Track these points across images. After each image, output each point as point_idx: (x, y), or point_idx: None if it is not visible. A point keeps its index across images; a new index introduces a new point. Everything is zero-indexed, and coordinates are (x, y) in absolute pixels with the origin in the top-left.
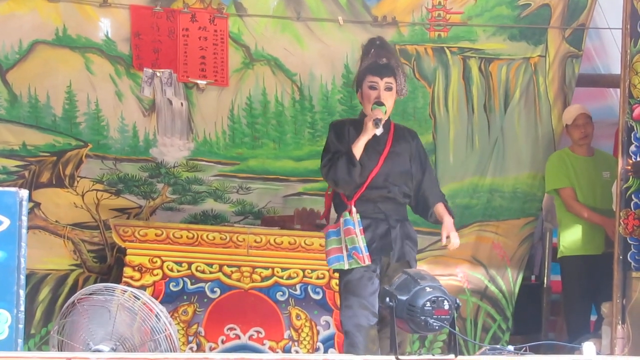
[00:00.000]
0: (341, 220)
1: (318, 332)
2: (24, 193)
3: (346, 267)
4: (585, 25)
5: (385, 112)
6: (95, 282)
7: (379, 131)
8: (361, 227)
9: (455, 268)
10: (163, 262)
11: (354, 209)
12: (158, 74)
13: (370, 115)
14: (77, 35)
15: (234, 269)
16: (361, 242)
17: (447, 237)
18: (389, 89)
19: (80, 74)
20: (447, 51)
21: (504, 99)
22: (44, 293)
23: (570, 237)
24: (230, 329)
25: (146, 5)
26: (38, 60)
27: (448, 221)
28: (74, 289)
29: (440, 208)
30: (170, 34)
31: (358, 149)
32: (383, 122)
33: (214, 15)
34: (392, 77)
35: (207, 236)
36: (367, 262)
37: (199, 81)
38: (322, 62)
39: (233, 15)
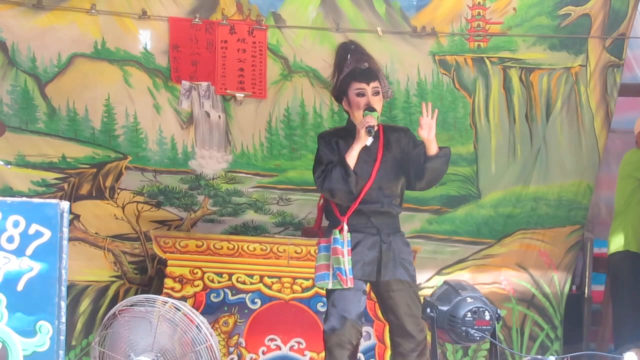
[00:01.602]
0: (331, 237)
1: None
2: (65, 205)
3: (330, 286)
4: (625, 34)
5: (378, 117)
6: (135, 294)
7: (369, 140)
8: (349, 248)
9: (499, 276)
10: (204, 273)
11: (345, 227)
12: (196, 87)
13: (362, 122)
14: (116, 48)
15: (274, 279)
16: (346, 264)
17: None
18: (376, 93)
19: (118, 87)
20: (487, 61)
21: (546, 108)
22: (85, 304)
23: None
24: (271, 339)
25: (185, 17)
26: (77, 74)
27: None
28: (114, 301)
29: None
30: (209, 46)
31: (352, 158)
32: (376, 128)
33: (252, 27)
34: (377, 81)
35: (247, 247)
36: (350, 284)
37: (237, 94)
38: None
39: (272, 27)
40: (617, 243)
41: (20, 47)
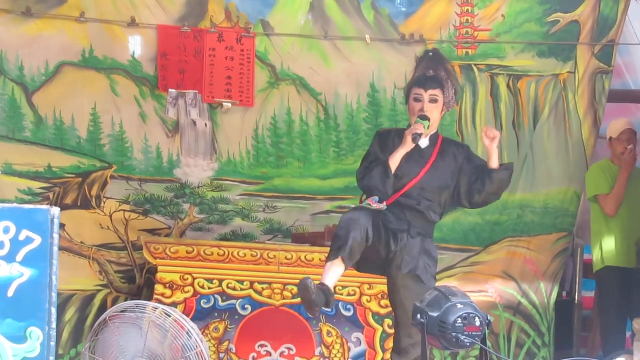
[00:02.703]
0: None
1: (349, 349)
2: (55, 210)
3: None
4: (614, 41)
5: (428, 126)
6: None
7: (423, 144)
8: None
9: (485, 284)
10: (194, 279)
11: (384, 202)
12: (182, 95)
13: (411, 128)
14: (104, 56)
15: (264, 285)
16: (375, 204)
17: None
18: (433, 101)
19: (105, 95)
20: (475, 68)
21: (533, 115)
22: (70, 313)
23: (606, 248)
24: (261, 345)
25: (174, 24)
26: (64, 82)
27: None
28: (102, 309)
29: None
30: (197, 53)
31: (394, 161)
32: (424, 137)
33: (241, 34)
34: (439, 89)
35: (237, 253)
36: (375, 207)
37: (224, 102)
38: (348, 80)
39: (260, 35)
40: (597, 261)
41: (8, 55)
